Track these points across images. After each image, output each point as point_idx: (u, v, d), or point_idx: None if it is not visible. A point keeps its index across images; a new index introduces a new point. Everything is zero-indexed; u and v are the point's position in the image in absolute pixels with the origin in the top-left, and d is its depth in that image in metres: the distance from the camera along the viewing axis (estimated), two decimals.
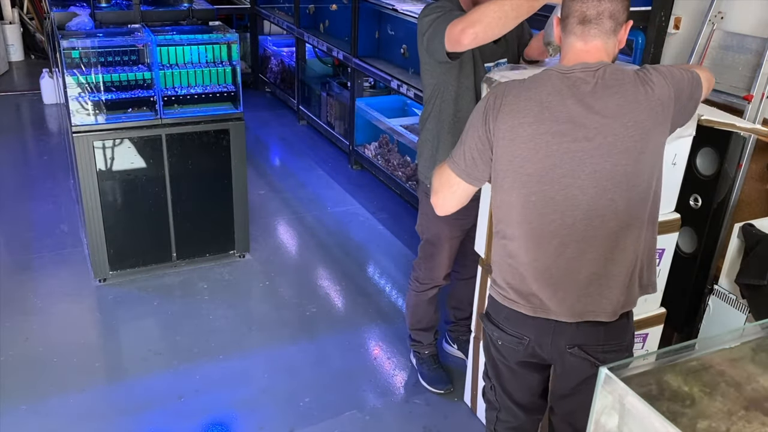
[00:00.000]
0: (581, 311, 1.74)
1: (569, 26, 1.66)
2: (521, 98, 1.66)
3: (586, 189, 1.64)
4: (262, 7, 7.03)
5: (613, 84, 1.62)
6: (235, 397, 2.88)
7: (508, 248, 1.78)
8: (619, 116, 1.61)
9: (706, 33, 2.63)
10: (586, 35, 1.65)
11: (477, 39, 2.14)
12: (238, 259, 3.92)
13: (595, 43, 1.65)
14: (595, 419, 1.19)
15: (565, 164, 1.63)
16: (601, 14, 1.62)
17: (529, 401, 1.98)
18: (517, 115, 1.66)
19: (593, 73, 1.63)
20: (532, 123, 1.64)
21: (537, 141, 1.64)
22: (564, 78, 1.64)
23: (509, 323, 1.82)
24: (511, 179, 1.70)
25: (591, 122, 1.61)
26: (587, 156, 1.62)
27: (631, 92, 1.62)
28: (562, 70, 1.66)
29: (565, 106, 1.62)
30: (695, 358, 1.29)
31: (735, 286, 2.30)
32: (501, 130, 1.68)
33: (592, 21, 1.63)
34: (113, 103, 3.39)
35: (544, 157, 1.64)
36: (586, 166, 1.63)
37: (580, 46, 1.66)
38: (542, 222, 1.69)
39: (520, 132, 1.65)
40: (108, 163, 3.43)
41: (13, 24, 7.74)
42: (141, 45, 3.42)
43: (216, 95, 3.58)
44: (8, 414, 2.72)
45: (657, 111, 1.64)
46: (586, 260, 1.70)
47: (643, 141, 1.64)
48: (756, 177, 2.58)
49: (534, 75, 1.71)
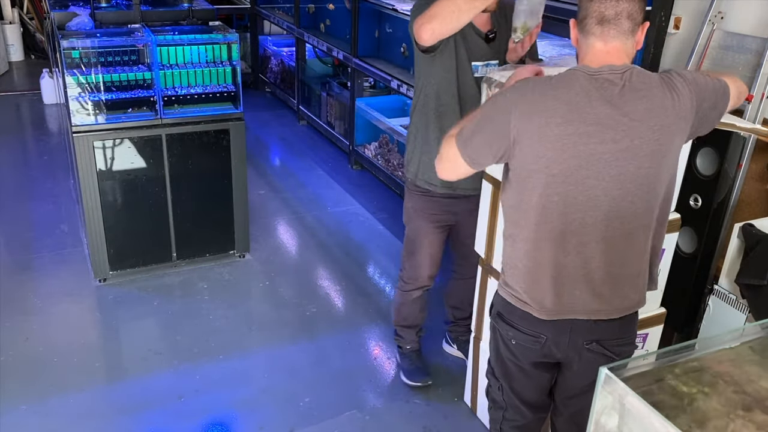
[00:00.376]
0: (596, 309, 1.76)
1: (588, 27, 1.65)
2: (548, 97, 1.64)
3: (609, 190, 1.65)
4: (262, 7, 7.03)
5: (641, 87, 1.62)
6: (235, 397, 2.88)
7: (523, 250, 1.77)
8: (646, 120, 1.61)
9: (706, 33, 2.63)
10: (605, 36, 1.64)
11: (435, 34, 2.18)
12: (238, 259, 3.92)
13: (614, 44, 1.64)
14: (595, 419, 1.19)
15: (591, 165, 1.63)
16: (620, 14, 1.62)
17: (538, 400, 1.99)
18: (544, 114, 1.64)
19: (620, 76, 1.62)
20: (560, 123, 1.62)
21: (564, 141, 1.63)
22: (592, 79, 1.63)
23: (525, 322, 1.82)
24: (535, 179, 1.69)
25: (619, 124, 1.61)
26: (613, 158, 1.63)
27: (658, 97, 1.62)
28: (589, 71, 1.64)
29: (593, 108, 1.61)
30: (695, 358, 1.29)
31: (735, 286, 2.30)
32: (528, 130, 1.65)
33: (610, 21, 1.62)
34: (113, 103, 3.39)
35: (570, 157, 1.63)
36: (611, 168, 1.63)
37: (601, 47, 1.65)
38: (563, 222, 1.69)
39: (547, 132, 1.63)
40: (108, 163, 3.43)
41: (13, 24, 7.74)
42: (141, 45, 3.42)
43: (216, 95, 3.58)
44: (8, 414, 2.72)
45: (681, 117, 1.65)
46: (602, 260, 1.71)
47: (667, 145, 1.65)
48: (756, 177, 2.58)
49: (560, 74, 1.68)
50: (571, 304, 1.76)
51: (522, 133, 1.66)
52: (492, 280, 2.51)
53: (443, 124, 2.53)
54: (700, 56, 2.67)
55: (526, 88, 1.69)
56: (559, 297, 1.75)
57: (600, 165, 1.63)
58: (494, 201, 2.45)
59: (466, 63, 2.47)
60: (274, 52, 7.04)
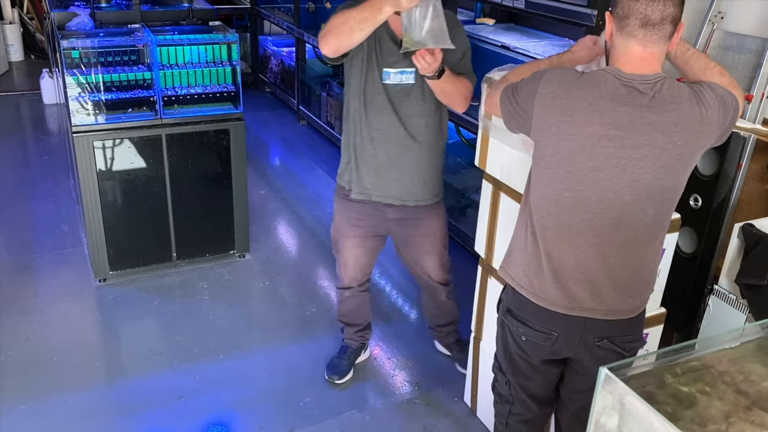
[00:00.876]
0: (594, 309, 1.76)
1: (629, 27, 1.59)
2: (573, 96, 1.63)
3: (622, 195, 1.65)
4: (262, 7, 7.02)
5: (670, 101, 1.59)
6: (235, 397, 2.88)
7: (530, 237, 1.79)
8: (671, 133, 1.59)
9: (706, 33, 2.63)
10: (646, 41, 1.59)
11: (333, 49, 2.18)
12: (238, 259, 3.92)
13: (653, 50, 1.60)
14: (595, 419, 1.19)
15: (607, 168, 1.63)
16: (665, 19, 1.57)
17: (545, 395, 2.00)
18: (566, 111, 1.63)
19: (651, 86, 1.60)
20: (580, 123, 1.62)
21: (581, 142, 1.63)
22: (621, 85, 1.61)
23: (537, 318, 1.82)
24: (552, 173, 1.70)
25: (641, 133, 1.59)
26: (630, 164, 1.62)
27: (686, 111, 1.60)
28: (620, 76, 1.62)
29: (617, 113, 1.60)
30: (695, 358, 1.29)
31: (735, 286, 2.30)
32: (548, 122, 1.66)
33: (655, 26, 1.57)
34: (113, 103, 3.39)
35: (587, 158, 1.63)
36: (626, 173, 1.62)
37: (638, 52, 1.61)
38: (571, 219, 1.70)
39: (565, 129, 1.63)
40: (108, 163, 3.43)
41: (13, 24, 7.74)
42: (141, 45, 3.42)
43: (216, 95, 3.58)
44: (8, 414, 2.72)
45: (706, 133, 1.63)
46: (605, 263, 1.72)
47: (686, 160, 1.64)
48: (756, 177, 2.58)
49: (590, 72, 1.67)
50: (575, 301, 1.76)
51: (542, 123, 1.67)
52: (492, 280, 2.50)
53: (349, 128, 2.55)
54: None
55: (555, 78, 1.67)
56: (562, 291, 1.76)
57: (616, 169, 1.63)
58: (494, 201, 2.45)
59: (376, 69, 2.41)
60: (274, 52, 7.04)
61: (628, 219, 1.67)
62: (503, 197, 2.40)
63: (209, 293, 3.60)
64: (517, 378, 1.98)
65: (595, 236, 1.70)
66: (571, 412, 1.99)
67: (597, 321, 1.78)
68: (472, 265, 2.82)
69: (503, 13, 4.47)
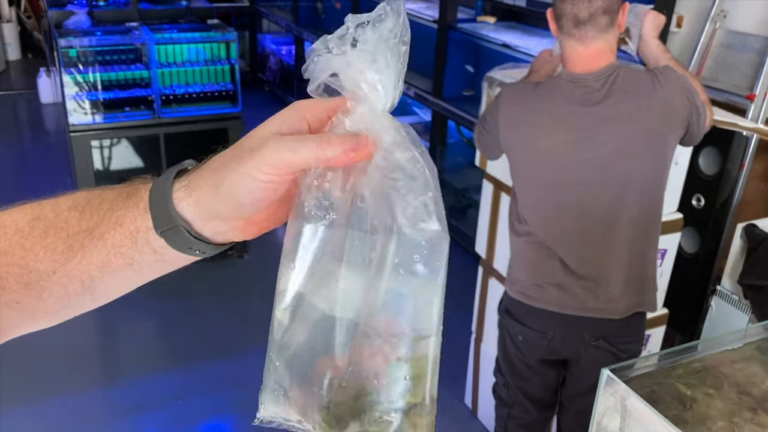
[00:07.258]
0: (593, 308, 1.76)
1: (565, 28, 1.62)
2: (532, 109, 1.65)
3: (601, 195, 1.65)
4: (261, 5, 7.01)
5: (627, 89, 1.60)
6: (234, 397, 2.86)
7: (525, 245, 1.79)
8: (632, 123, 1.60)
9: (708, 31, 2.62)
10: (584, 38, 1.60)
11: None
12: (236, 259, 3.90)
13: (596, 45, 1.61)
14: (597, 421, 1.18)
15: (580, 173, 1.64)
16: (594, 14, 1.57)
17: (543, 397, 2.00)
18: (527, 127, 1.66)
19: (605, 80, 1.60)
20: (544, 135, 1.63)
21: (550, 153, 1.64)
22: (575, 87, 1.61)
23: (533, 318, 1.83)
24: (529, 185, 1.73)
25: (604, 130, 1.60)
26: (600, 163, 1.62)
27: (644, 97, 1.60)
28: (573, 78, 1.62)
29: (576, 116, 1.61)
30: (698, 359, 1.28)
31: (738, 287, 2.29)
32: (515, 141, 1.70)
33: (586, 23, 1.58)
34: (111, 102, 3.38)
35: (557, 167, 1.65)
36: (599, 172, 1.63)
37: (582, 51, 1.62)
38: (557, 226, 1.71)
39: (533, 145, 1.66)
40: (105, 162, 3.42)
41: (10, 22, 7.73)
42: (139, 43, 3.40)
43: (214, 94, 3.57)
44: (7, 415, 2.71)
45: (670, 115, 1.62)
46: (599, 263, 1.72)
47: (657, 146, 1.63)
48: (759, 177, 2.57)
49: (545, 82, 1.69)
50: (571, 300, 1.76)
51: (510, 143, 1.71)
52: (493, 280, 2.49)
53: None
54: (703, 55, 2.65)
55: (511, 96, 1.70)
56: (557, 291, 1.76)
57: (589, 172, 1.64)
58: (494, 201, 2.43)
59: None
60: (273, 50, 7.02)
61: (613, 216, 1.67)
62: (504, 197, 2.38)
63: (209, 293, 3.59)
64: (515, 379, 1.98)
65: (584, 238, 1.70)
66: (572, 415, 1.99)
67: (593, 320, 1.78)
68: (472, 265, 2.81)
69: (504, 11, 4.45)
